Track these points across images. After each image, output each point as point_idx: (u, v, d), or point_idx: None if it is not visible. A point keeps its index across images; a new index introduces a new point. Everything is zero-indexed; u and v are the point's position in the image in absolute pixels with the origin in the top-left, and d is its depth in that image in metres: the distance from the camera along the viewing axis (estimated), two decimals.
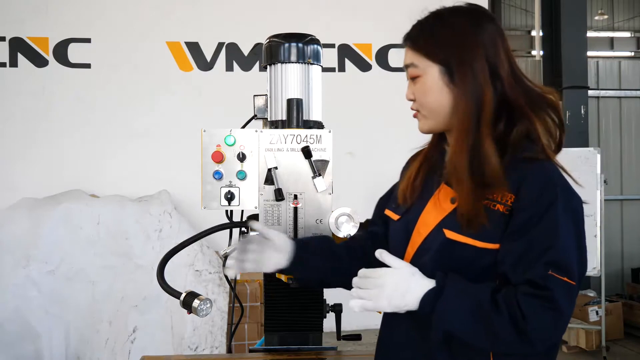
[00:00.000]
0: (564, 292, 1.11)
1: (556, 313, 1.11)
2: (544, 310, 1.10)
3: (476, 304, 1.13)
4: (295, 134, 1.54)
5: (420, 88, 1.26)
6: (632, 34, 13.65)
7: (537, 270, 1.12)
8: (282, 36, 1.68)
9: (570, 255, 1.14)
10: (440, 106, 1.25)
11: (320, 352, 1.88)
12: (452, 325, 1.15)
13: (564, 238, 1.14)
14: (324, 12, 5.31)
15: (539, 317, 1.10)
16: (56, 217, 4.40)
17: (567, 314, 1.13)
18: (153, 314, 4.30)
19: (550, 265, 1.12)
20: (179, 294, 1.47)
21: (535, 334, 1.11)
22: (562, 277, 1.11)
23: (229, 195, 1.55)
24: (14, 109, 5.05)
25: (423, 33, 1.27)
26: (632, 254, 6.98)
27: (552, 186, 1.17)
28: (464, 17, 1.25)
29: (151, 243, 4.45)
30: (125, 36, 5.18)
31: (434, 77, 1.24)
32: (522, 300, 1.11)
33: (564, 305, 1.11)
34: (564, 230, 1.14)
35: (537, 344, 1.12)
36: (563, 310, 1.11)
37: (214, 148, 1.55)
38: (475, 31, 1.23)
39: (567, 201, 1.17)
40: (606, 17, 12.72)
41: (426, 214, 1.27)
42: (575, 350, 5.33)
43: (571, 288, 1.12)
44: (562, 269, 1.12)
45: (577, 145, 6.24)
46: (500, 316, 1.11)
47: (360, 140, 5.15)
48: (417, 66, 1.26)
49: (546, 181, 1.18)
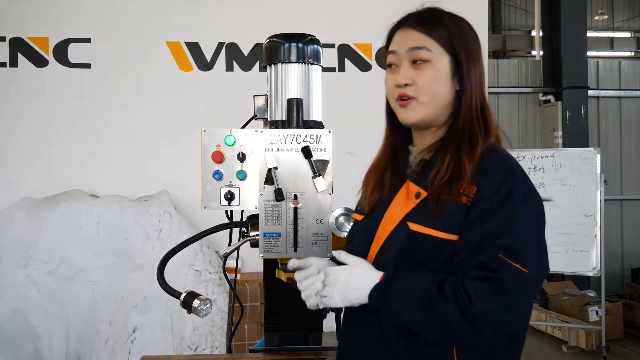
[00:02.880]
0: (513, 277, 1.08)
1: (505, 297, 1.08)
2: (492, 293, 1.08)
3: (424, 293, 1.13)
4: (295, 134, 1.54)
5: (428, 74, 1.27)
6: (632, 34, 13.67)
7: (487, 253, 1.11)
8: (282, 36, 1.68)
9: (526, 244, 1.12)
10: (443, 96, 1.27)
11: (320, 352, 1.88)
12: (402, 316, 1.15)
13: (520, 226, 1.12)
14: (324, 12, 5.31)
15: (486, 300, 1.08)
16: (56, 217, 4.40)
17: (517, 299, 1.09)
18: (153, 314, 4.30)
19: (502, 249, 1.11)
20: (179, 294, 1.47)
21: (483, 318, 1.07)
22: (513, 262, 1.09)
23: (229, 195, 1.55)
24: (14, 109, 5.05)
25: (435, 20, 1.29)
26: (632, 254, 6.98)
27: (512, 178, 1.17)
28: (465, 21, 1.34)
29: (151, 243, 4.45)
30: (125, 36, 5.17)
31: (445, 65, 1.27)
32: (468, 284, 1.10)
33: (513, 290, 1.08)
34: (522, 220, 1.13)
35: (487, 329, 1.08)
36: (512, 294, 1.08)
37: (214, 148, 1.55)
38: (475, 37, 1.33)
39: (526, 193, 1.17)
40: (606, 17, 12.75)
41: (391, 210, 1.29)
42: (575, 350, 5.33)
43: (523, 276, 1.09)
44: (515, 255, 1.10)
45: (577, 145, 6.25)
46: (448, 302, 1.10)
47: (360, 140, 5.13)
48: (430, 50, 1.26)
49: (506, 172, 1.18)
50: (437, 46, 1.27)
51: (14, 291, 4.22)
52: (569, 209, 5.09)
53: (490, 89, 6.46)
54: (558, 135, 6.60)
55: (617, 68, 7.21)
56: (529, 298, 1.12)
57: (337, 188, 1.58)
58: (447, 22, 1.29)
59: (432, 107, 1.28)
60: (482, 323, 1.08)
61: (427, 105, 1.27)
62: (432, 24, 1.28)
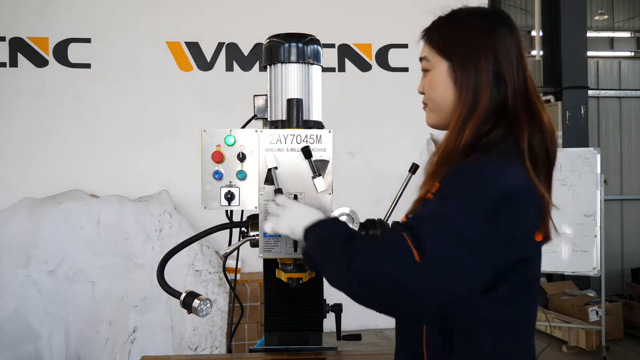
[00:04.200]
0: (396, 246, 1.08)
1: (378, 254, 1.08)
2: (372, 249, 1.11)
3: (336, 233, 1.21)
4: (295, 134, 1.54)
5: (428, 82, 1.32)
6: (632, 34, 13.67)
7: (397, 226, 1.17)
8: (282, 36, 1.68)
9: (433, 232, 1.08)
10: (444, 101, 1.28)
11: (320, 352, 1.88)
12: (308, 245, 1.25)
13: (438, 213, 1.10)
14: (324, 12, 5.31)
15: (364, 253, 1.10)
16: (56, 217, 4.41)
17: (388, 260, 1.07)
18: (153, 314, 4.30)
19: (407, 224, 1.12)
20: (179, 294, 1.47)
21: (356, 267, 1.09)
22: (407, 236, 1.08)
23: (229, 195, 1.55)
24: (14, 109, 5.05)
25: (438, 29, 1.31)
26: (632, 254, 6.98)
27: (466, 175, 1.14)
28: (481, 18, 1.28)
29: (151, 243, 4.45)
30: (125, 36, 5.18)
31: (442, 72, 1.28)
32: (369, 243, 1.15)
33: (388, 252, 1.08)
34: (447, 210, 1.10)
35: (354, 277, 1.10)
36: (385, 256, 1.07)
37: (214, 148, 1.55)
38: (488, 33, 1.25)
39: (472, 192, 1.11)
40: (606, 17, 12.74)
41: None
42: (575, 350, 5.33)
43: (407, 251, 1.06)
44: (414, 234, 1.08)
45: (577, 145, 6.24)
46: (342, 245, 1.15)
47: (360, 140, 5.16)
48: (428, 60, 1.31)
49: (465, 170, 1.15)
50: (434, 55, 1.30)
51: (14, 291, 4.22)
52: (569, 209, 5.09)
53: None
54: (558, 135, 6.60)
55: (617, 68, 7.21)
56: (416, 283, 1.06)
57: (337, 188, 1.58)
58: (450, 27, 1.29)
59: (438, 113, 1.31)
60: (353, 270, 1.10)
61: (435, 111, 1.32)
62: (432, 33, 1.31)
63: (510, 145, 1.19)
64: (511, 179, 1.13)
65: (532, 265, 1.23)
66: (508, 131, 1.20)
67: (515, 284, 1.20)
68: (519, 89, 1.25)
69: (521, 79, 1.26)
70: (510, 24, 1.28)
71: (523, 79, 1.27)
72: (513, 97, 1.23)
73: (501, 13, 1.31)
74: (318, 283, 1.86)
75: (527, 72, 1.28)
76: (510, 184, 1.12)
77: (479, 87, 1.23)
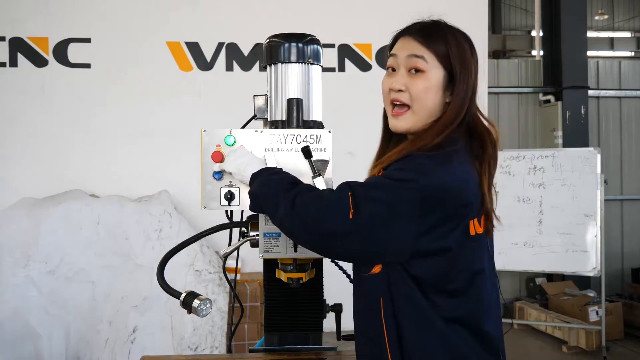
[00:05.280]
0: (339, 200, 1.23)
1: (322, 199, 1.25)
2: (316, 194, 1.29)
3: (283, 177, 1.38)
4: (295, 134, 1.54)
5: (421, 83, 1.34)
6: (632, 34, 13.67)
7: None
8: (282, 36, 1.68)
9: (371, 200, 1.22)
10: (433, 105, 1.35)
11: (320, 352, 1.88)
12: (255, 185, 1.39)
13: (380, 185, 1.24)
14: (324, 12, 5.31)
15: (309, 196, 1.28)
16: (56, 217, 4.40)
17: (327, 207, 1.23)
18: (153, 314, 4.30)
19: (353, 186, 1.26)
20: (179, 294, 1.47)
21: (298, 205, 1.25)
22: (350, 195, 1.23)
23: (229, 195, 1.55)
24: (14, 109, 5.04)
25: (436, 34, 1.35)
26: (632, 254, 6.98)
27: (412, 165, 1.26)
28: (466, 38, 1.40)
29: (151, 243, 4.45)
30: (125, 36, 5.17)
31: (438, 78, 1.34)
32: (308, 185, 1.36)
33: (331, 201, 1.24)
34: (388, 187, 1.23)
35: (296, 214, 1.25)
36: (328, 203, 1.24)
37: (214, 148, 1.55)
38: (472, 54, 1.38)
39: (412, 178, 1.23)
40: (606, 17, 12.74)
41: None
42: (575, 350, 5.33)
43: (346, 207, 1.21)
44: (355, 196, 1.23)
45: (577, 145, 6.25)
46: (288, 185, 1.32)
47: (360, 140, 5.12)
48: (426, 61, 1.33)
49: (411, 161, 1.26)
50: (433, 59, 1.34)
51: (14, 291, 4.21)
52: (569, 209, 5.09)
53: (490, 89, 6.45)
54: (558, 135, 6.60)
55: (617, 68, 7.21)
56: (342, 235, 1.22)
57: None
58: (448, 38, 1.35)
59: (421, 116, 1.36)
60: (296, 212, 1.26)
61: (418, 114, 1.36)
62: (433, 36, 1.35)
63: (459, 148, 1.30)
64: (446, 175, 1.24)
65: (459, 254, 1.29)
66: (461, 135, 1.33)
67: (443, 271, 1.28)
68: (473, 102, 1.39)
69: (474, 93, 1.39)
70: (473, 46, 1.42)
71: (473, 93, 1.39)
72: (475, 110, 1.39)
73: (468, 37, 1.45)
74: (318, 283, 1.86)
75: (476, 87, 1.40)
76: (444, 179, 1.23)
77: (466, 99, 1.34)
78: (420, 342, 1.28)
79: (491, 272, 1.40)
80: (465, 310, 1.30)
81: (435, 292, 1.28)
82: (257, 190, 1.38)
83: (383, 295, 1.31)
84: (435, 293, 1.28)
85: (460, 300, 1.30)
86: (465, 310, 1.30)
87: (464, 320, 1.30)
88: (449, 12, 1.51)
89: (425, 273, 1.27)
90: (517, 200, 5.20)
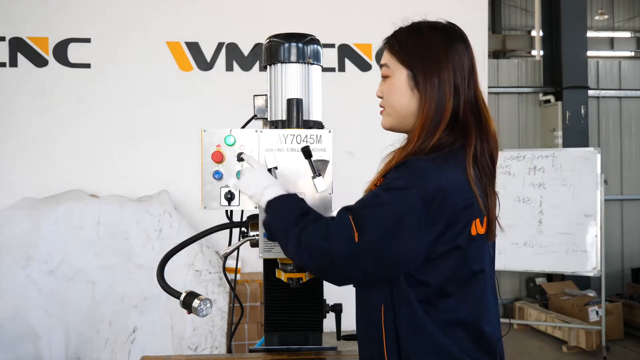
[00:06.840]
0: (341, 226, 1.24)
1: (325, 230, 1.25)
2: (321, 225, 1.27)
3: (293, 208, 1.36)
4: (295, 134, 1.54)
5: (387, 87, 1.42)
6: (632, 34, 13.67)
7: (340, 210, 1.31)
8: (282, 36, 1.68)
9: (372, 217, 1.22)
10: (401, 106, 1.39)
11: (320, 352, 1.88)
12: (269, 217, 1.39)
13: (379, 201, 1.24)
14: (324, 12, 5.31)
15: (313, 228, 1.28)
16: (56, 217, 4.40)
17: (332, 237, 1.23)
18: (153, 314, 4.30)
19: (352, 208, 1.28)
20: (179, 294, 1.47)
21: (304, 240, 1.27)
22: (352, 219, 1.23)
23: (229, 195, 1.55)
24: (14, 109, 5.04)
25: (399, 39, 1.41)
26: (632, 254, 6.97)
27: (407, 172, 1.26)
28: (440, 32, 1.38)
29: (151, 243, 4.45)
30: (125, 36, 5.17)
31: (401, 79, 1.39)
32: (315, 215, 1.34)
33: (334, 230, 1.24)
34: (387, 199, 1.23)
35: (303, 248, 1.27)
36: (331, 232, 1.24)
37: (214, 148, 1.55)
38: (446, 46, 1.36)
39: (410, 186, 1.24)
40: (606, 17, 12.74)
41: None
42: (575, 350, 5.33)
43: (350, 231, 1.22)
44: (356, 217, 1.23)
45: (577, 145, 6.25)
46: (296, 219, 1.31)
47: (360, 140, 5.15)
48: (389, 67, 1.42)
49: (406, 167, 1.28)
50: (395, 62, 1.40)
51: (14, 291, 4.22)
52: (569, 209, 5.09)
53: (490, 89, 6.45)
54: (558, 135, 6.60)
55: (617, 68, 7.21)
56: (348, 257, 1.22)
57: (337, 188, 1.58)
58: (411, 39, 1.39)
59: (395, 117, 1.42)
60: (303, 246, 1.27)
61: (391, 115, 1.43)
62: (393, 42, 1.42)
63: (456, 150, 1.31)
64: (446, 177, 1.25)
65: (463, 255, 1.29)
66: (457, 137, 1.33)
67: (448, 273, 1.29)
68: (469, 100, 1.36)
69: (472, 91, 1.37)
70: (464, 39, 1.40)
71: (474, 91, 1.38)
72: (464, 107, 1.35)
73: (457, 29, 1.42)
74: (318, 283, 1.86)
75: (477, 84, 1.39)
76: (444, 182, 1.24)
77: (443, 97, 1.33)
78: (418, 353, 1.28)
79: (491, 274, 1.40)
80: (467, 311, 1.31)
81: (437, 294, 1.28)
82: (270, 222, 1.40)
83: (384, 302, 1.31)
84: (437, 296, 1.28)
85: (461, 301, 1.30)
86: (466, 311, 1.30)
87: (464, 322, 1.30)
88: (449, 12, 1.52)
89: (432, 276, 1.28)
90: (517, 200, 5.20)
